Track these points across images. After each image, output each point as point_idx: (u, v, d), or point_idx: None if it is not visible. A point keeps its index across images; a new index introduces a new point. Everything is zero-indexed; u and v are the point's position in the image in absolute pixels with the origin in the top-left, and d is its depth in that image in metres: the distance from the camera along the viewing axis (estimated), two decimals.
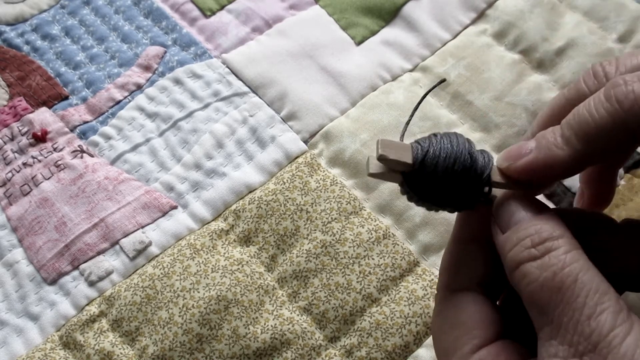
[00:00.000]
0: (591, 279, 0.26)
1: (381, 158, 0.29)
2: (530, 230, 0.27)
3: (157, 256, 0.44)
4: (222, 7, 0.56)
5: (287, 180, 0.45)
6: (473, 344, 0.29)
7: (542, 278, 0.26)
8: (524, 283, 0.27)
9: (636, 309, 0.30)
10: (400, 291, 0.41)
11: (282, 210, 0.44)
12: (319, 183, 0.45)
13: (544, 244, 0.27)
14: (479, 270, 0.31)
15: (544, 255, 0.27)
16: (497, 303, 0.32)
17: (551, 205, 0.44)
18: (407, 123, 0.31)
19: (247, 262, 0.43)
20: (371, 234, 0.43)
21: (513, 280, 0.28)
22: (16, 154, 0.49)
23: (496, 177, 0.30)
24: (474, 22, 0.53)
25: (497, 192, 0.31)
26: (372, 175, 0.29)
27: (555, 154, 0.29)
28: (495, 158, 0.31)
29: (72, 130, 0.50)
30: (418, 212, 0.43)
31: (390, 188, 0.45)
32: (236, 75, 0.51)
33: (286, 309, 0.41)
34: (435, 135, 0.30)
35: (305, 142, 0.48)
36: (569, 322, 0.25)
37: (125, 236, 0.45)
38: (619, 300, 0.25)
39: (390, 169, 0.29)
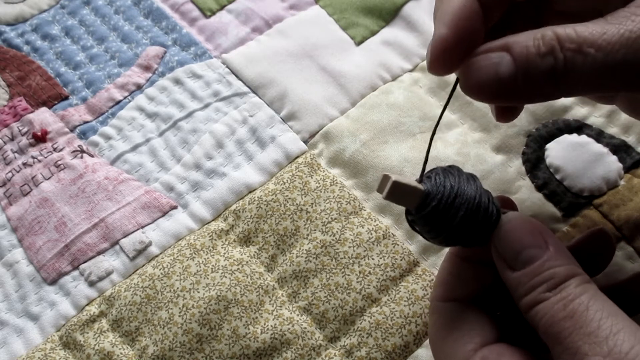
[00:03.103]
0: (602, 306, 0.26)
1: (387, 199, 0.29)
2: (545, 275, 0.28)
3: (157, 256, 0.44)
4: (222, 7, 0.56)
5: (287, 181, 0.45)
6: (475, 342, 0.29)
7: (553, 310, 0.27)
8: (537, 317, 0.27)
9: None
10: (400, 291, 0.41)
11: (282, 210, 0.44)
12: (319, 183, 0.45)
13: (559, 286, 0.27)
14: (475, 285, 0.32)
15: (557, 293, 0.27)
16: (497, 313, 0.32)
17: (550, 205, 0.44)
18: (425, 162, 0.30)
19: (247, 262, 0.43)
20: (371, 234, 0.43)
21: (528, 317, 0.28)
22: (16, 154, 0.49)
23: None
24: None
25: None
26: (385, 198, 0.29)
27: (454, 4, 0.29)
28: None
29: (72, 130, 0.50)
30: None
31: None
32: (236, 75, 0.51)
33: (286, 309, 0.41)
34: (445, 177, 0.30)
35: (305, 142, 0.48)
36: (585, 345, 0.25)
37: (125, 236, 0.45)
38: (633, 323, 0.26)
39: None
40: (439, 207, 0.29)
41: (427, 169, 0.31)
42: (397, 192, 0.29)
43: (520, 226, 0.29)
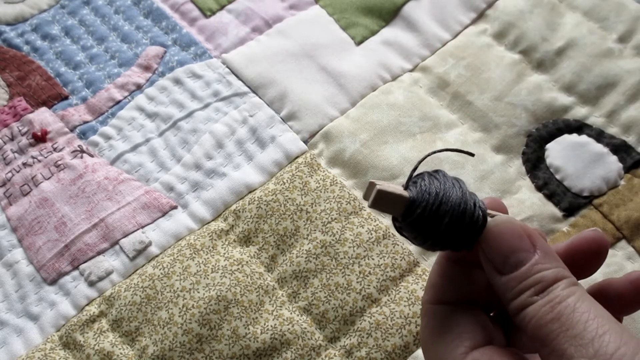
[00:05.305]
0: (588, 307, 0.26)
1: (372, 207, 0.29)
2: (533, 279, 0.28)
3: (157, 256, 0.44)
4: (222, 7, 0.56)
5: (287, 181, 0.45)
6: (465, 346, 0.29)
7: (540, 312, 0.27)
8: (525, 320, 0.27)
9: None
10: (400, 291, 0.41)
11: (282, 211, 0.44)
12: (319, 183, 0.45)
13: (547, 289, 0.28)
14: (467, 288, 0.32)
15: (545, 296, 0.27)
16: (490, 315, 0.32)
17: (550, 205, 0.44)
18: (415, 168, 0.31)
19: (247, 262, 0.43)
20: (371, 234, 0.43)
21: (516, 321, 0.28)
22: (16, 154, 0.49)
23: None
24: (474, 22, 0.53)
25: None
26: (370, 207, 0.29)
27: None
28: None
29: (72, 130, 0.50)
30: None
31: None
32: (236, 75, 0.51)
33: (286, 309, 0.41)
34: (430, 183, 0.30)
35: (305, 142, 0.48)
36: (571, 347, 0.25)
37: (125, 236, 0.45)
38: (619, 324, 0.26)
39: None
40: (424, 214, 0.29)
41: (422, 169, 0.31)
42: (381, 200, 0.29)
43: (507, 230, 0.29)
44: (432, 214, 0.29)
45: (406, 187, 0.30)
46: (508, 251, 0.29)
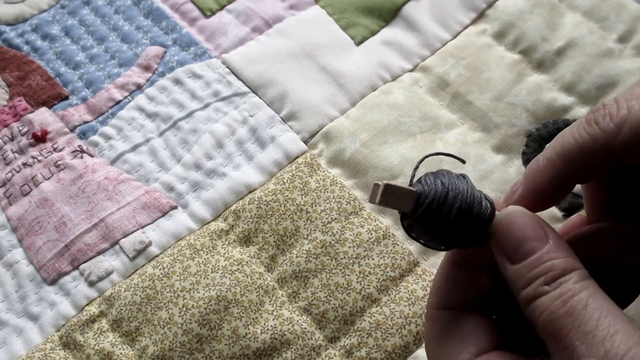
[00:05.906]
0: (601, 304, 0.26)
1: (381, 204, 0.29)
2: (544, 267, 0.28)
3: (157, 256, 0.44)
4: (222, 7, 0.56)
5: (287, 181, 0.45)
6: (470, 352, 0.29)
7: (552, 307, 0.27)
8: (536, 314, 0.27)
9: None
10: (400, 291, 0.41)
11: (282, 211, 0.44)
12: (319, 183, 0.45)
13: (558, 280, 0.27)
14: (472, 292, 0.32)
15: (556, 288, 0.27)
16: (493, 317, 0.32)
17: None
18: (416, 168, 0.31)
19: (247, 262, 0.43)
20: (371, 234, 0.43)
21: (526, 312, 0.28)
22: (16, 154, 0.49)
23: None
24: (474, 22, 0.53)
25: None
26: (378, 204, 0.29)
27: (538, 179, 0.30)
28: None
29: (72, 130, 0.50)
30: None
31: None
32: (236, 76, 0.51)
33: (286, 309, 0.41)
34: (436, 178, 0.30)
35: (305, 142, 0.48)
36: (582, 345, 0.25)
37: (125, 236, 0.45)
38: (631, 324, 0.26)
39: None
40: (433, 204, 0.29)
41: (425, 171, 0.31)
42: (390, 195, 0.29)
43: (519, 219, 0.29)
44: (442, 204, 0.29)
45: (411, 185, 0.30)
46: (520, 239, 0.29)
